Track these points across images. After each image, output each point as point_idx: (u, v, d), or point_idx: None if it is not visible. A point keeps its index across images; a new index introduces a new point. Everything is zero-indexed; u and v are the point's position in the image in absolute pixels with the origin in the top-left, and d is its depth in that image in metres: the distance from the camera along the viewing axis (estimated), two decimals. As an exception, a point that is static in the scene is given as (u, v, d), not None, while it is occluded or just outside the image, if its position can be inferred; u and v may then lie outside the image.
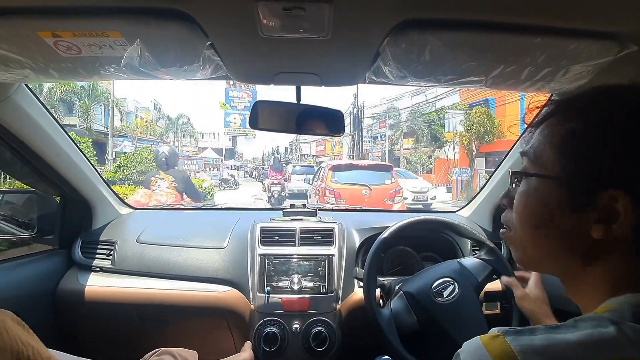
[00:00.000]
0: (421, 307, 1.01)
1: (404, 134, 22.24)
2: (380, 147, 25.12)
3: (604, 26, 0.65)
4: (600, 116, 0.39)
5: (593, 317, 0.37)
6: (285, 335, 1.17)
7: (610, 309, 0.37)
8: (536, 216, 0.43)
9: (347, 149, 23.83)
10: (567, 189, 0.40)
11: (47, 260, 1.32)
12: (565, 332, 0.36)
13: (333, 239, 1.32)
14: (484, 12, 0.63)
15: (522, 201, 0.45)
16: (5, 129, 1.02)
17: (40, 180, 1.25)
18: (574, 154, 0.40)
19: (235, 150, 36.36)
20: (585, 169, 0.39)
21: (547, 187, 0.42)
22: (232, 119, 27.39)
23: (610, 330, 0.34)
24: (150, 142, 25.48)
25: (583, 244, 0.40)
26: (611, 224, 0.37)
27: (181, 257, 1.31)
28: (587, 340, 0.34)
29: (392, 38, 0.68)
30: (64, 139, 1.19)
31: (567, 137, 0.41)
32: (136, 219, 1.52)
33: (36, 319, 1.19)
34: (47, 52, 0.71)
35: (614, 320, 0.35)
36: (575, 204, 0.40)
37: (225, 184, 17.45)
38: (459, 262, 1.09)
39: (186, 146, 32.40)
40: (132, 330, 1.28)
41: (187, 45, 0.70)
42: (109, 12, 0.63)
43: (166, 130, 29.41)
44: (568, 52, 0.69)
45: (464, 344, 0.40)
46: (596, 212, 0.38)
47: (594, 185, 0.38)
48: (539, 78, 0.78)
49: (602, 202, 0.37)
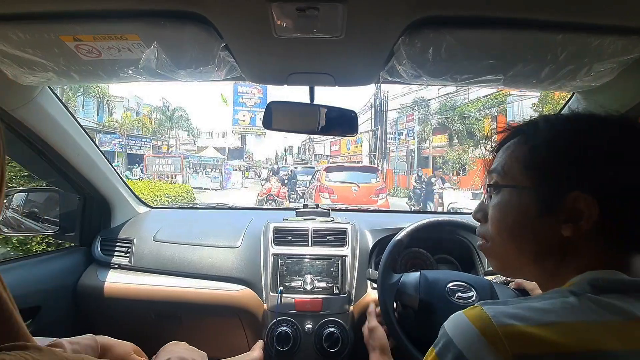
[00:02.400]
0: (429, 291, 0.99)
1: (434, 130, 19.21)
2: (406, 145, 21.46)
3: (629, 21, 0.63)
4: (558, 132, 0.48)
5: (557, 290, 0.43)
6: (298, 336, 1.17)
7: (572, 284, 0.43)
8: (512, 224, 0.49)
9: (368, 148, 21.38)
10: (536, 196, 0.47)
11: (69, 256, 1.37)
12: (532, 300, 0.42)
13: (346, 239, 1.31)
14: (501, 8, 0.61)
15: (497, 212, 0.51)
16: (30, 130, 1.06)
17: (62, 179, 1.29)
18: (539, 167, 0.47)
19: (244, 150, 33.77)
20: (549, 178, 0.46)
21: (518, 197, 0.48)
22: (241, 116, 25.19)
23: (570, 299, 0.41)
24: (142, 139, 23.25)
25: (556, 242, 0.45)
26: (578, 222, 0.43)
27: (196, 255, 1.33)
28: (551, 307, 0.40)
29: (407, 37, 0.67)
30: (84, 140, 1.22)
31: (532, 153, 0.48)
32: (153, 218, 1.56)
33: (58, 312, 1.24)
34: (68, 55, 0.73)
35: (575, 291, 0.41)
36: (545, 208, 0.46)
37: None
38: (491, 283, 1.05)
39: (184, 144, 28.83)
40: (148, 326, 1.31)
41: (203, 47, 0.71)
42: (127, 15, 0.65)
43: (159, 125, 25.37)
44: (591, 49, 0.67)
45: (449, 317, 0.45)
46: (563, 213, 0.44)
47: (558, 190, 0.45)
48: (560, 76, 0.76)
49: (568, 204, 0.44)
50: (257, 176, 24.80)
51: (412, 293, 1.00)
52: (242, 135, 30.10)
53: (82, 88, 18.21)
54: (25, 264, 1.20)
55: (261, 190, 9.10)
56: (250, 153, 38.91)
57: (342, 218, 1.43)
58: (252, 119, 25.00)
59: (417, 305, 0.98)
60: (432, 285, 1.00)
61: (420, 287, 1.00)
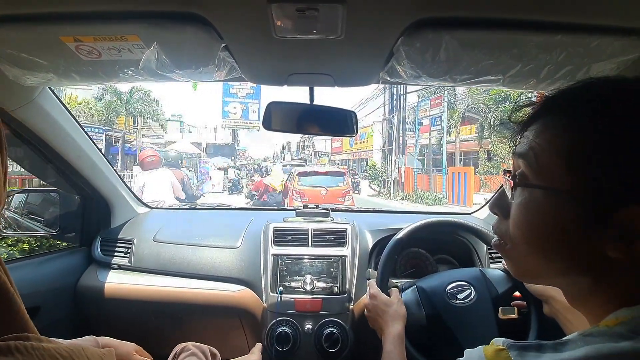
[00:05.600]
0: (432, 303, 1.00)
1: (462, 119, 15.20)
2: (428, 137, 16.86)
3: (628, 22, 0.63)
4: (614, 121, 0.34)
5: (603, 332, 0.33)
6: (298, 336, 1.17)
7: (623, 322, 0.33)
8: (542, 231, 0.38)
9: (381, 140, 18.19)
10: (579, 204, 0.35)
11: (69, 257, 1.37)
12: (573, 347, 0.32)
13: (346, 239, 1.31)
14: (500, 9, 0.61)
15: (524, 214, 0.39)
16: (30, 130, 1.06)
17: (62, 179, 1.29)
18: (587, 166, 0.34)
19: (235, 146, 28.78)
20: (601, 184, 0.34)
21: (554, 201, 0.37)
22: (232, 108, 21.33)
23: (623, 345, 0.30)
24: (90, 129, 16.44)
25: (597, 262, 0.35)
26: (631, 243, 0.33)
27: (196, 256, 1.33)
28: (596, 358, 0.30)
29: (407, 37, 0.68)
30: (84, 140, 1.23)
31: (577, 146, 0.35)
32: (153, 218, 1.56)
33: (58, 313, 1.24)
34: (69, 56, 0.73)
35: (627, 334, 0.31)
36: (589, 222, 0.35)
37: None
38: (481, 270, 1.06)
39: (148, 136, 22.29)
40: (148, 326, 1.31)
41: (203, 47, 0.72)
42: (127, 16, 0.65)
43: (106, 111, 18.50)
44: (590, 50, 0.67)
45: (465, 352, 0.38)
46: (613, 229, 0.33)
47: (611, 202, 0.33)
48: (559, 77, 0.76)
49: (621, 220, 0.33)
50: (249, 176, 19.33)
51: (417, 311, 1.00)
52: (234, 130, 25.92)
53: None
54: (25, 265, 1.20)
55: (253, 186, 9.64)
56: (242, 150, 34.89)
57: (342, 218, 1.43)
58: (244, 111, 21.59)
59: (425, 321, 0.98)
60: (432, 297, 1.01)
61: (422, 303, 1.00)
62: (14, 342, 0.35)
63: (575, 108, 0.37)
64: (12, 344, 0.35)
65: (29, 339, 0.37)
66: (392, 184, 16.19)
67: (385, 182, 17.05)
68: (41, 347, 0.36)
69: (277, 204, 7.93)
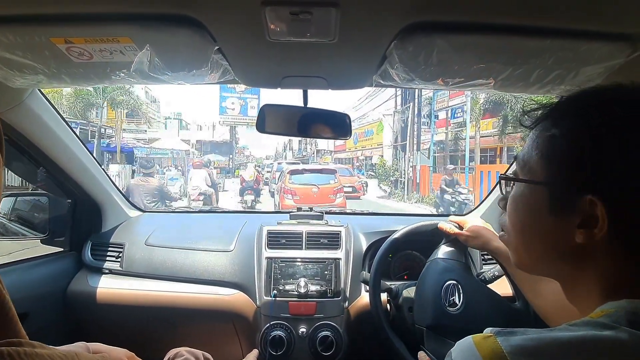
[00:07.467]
0: (429, 314, 0.97)
1: (484, 112, 13.15)
2: (445, 130, 15.13)
3: (615, 27, 0.64)
4: (582, 122, 0.39)
5: (587, 321, 0.36)
6: (292, 339, 1.17)
7: (607, 314, 0.36)
8: (523, 220, 0.45)
9: (392, 136, 16.51)
10: (548, 193, 0.41)
11: (58, 262, 1.34)
12: (558, 332, 0.35)
13: (340, 242, 1.31)
14: (491, 14, 0.62)
15: (512, 205, 0.47)
16: (19, 132, 1.04)
17: (51, 182, 1.27)
18: (556, 159, 0.41)
19: (234, 143, 26.95)
20: (566, 174, 0.40)
21: (532, 192, 0.44)
22: (230, 104, 20.03)
23: (605, 333, 0.33)
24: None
25: (568, 248, 0.40)
26: (592, 229, 0.37)
27: (188, 259, 1.32)
28: (580, 342, 0.33)
29: (399, 41, 0.68)
30: (75, 143, 1.21)
31: (551, 142, 0.41)
32: (144, 222, 1.54)
33: (47, 319, 1.21)
34: (59, 57, 0.72)
35: (610, 324, 0.34)
36: (557, 209, 0.40)
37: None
38: (440, 260, 1.04)
39: (130, 131, 20.38)
40: (140, 332, 1.29)
41: (196, 50, 0.71)
42: (119, 18, 0.64)
43: (76, 101, 15.28)
44: (578, 54, 0.68)
45: (456, 343, 0.39)
46: (577, 217, 0.38)
47: (574, 191, 0.39)
48: (549, 80, 0.77)
49: (582, 208, 0.38)
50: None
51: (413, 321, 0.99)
52: (232, 127, 24.31)
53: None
54: (12, 270, 1.17)
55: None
56: (241, 148, 33.52)
57: (336, 221, 1.43)
58: (243, 107, 20.29)
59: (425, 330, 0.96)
60: (424, 307, 0.98)
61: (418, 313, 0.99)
62: (6, 348, 0.34)
63: (557, 112, 0.43)
64: (4, 350, 0.34)
65: (22, 345, 0.36)
66: (406, 184, 14.20)
67: (397, 182, 15.01)
68: (34, 353, 0.36)
69: (250, 188, 9.02)
